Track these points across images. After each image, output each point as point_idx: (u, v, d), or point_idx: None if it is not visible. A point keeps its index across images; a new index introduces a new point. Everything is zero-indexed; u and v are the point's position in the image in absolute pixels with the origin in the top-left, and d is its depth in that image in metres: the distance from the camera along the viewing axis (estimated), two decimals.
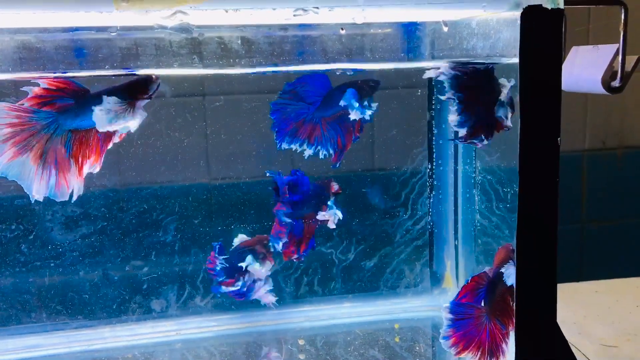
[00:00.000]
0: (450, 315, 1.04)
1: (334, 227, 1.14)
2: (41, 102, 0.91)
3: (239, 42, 0.93)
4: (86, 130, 0.93)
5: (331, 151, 1.08)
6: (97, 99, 0.91)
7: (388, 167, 1.32)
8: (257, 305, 1.32)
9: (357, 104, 1.03)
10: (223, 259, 1.16)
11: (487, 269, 1.08)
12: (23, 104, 0.91)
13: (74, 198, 0.94)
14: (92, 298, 1.26)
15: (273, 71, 1.02)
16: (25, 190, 0.93)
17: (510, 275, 1.05)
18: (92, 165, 0.95)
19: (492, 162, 1.25)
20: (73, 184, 0.94)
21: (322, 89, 1.04)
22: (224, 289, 1.17)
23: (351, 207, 1.32)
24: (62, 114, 0.92)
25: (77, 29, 0.92)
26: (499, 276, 1.06)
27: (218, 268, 1.16)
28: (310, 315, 1.33)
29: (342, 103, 1.03)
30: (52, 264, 1.23)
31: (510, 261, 1.05)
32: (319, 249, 1.33)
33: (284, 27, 0.97)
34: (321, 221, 1.15)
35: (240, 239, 1.19)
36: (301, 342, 1.24)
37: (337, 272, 1.34)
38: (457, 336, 1.04)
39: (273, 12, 0.87)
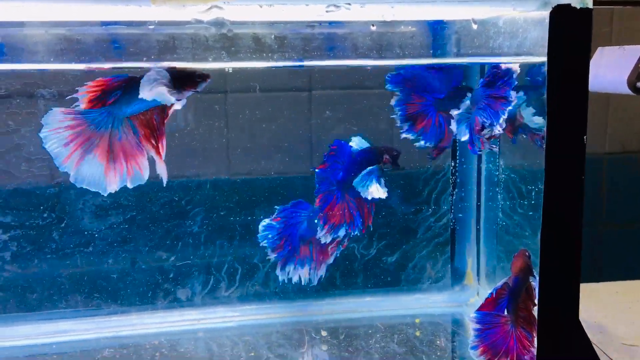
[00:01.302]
0: (477, 326, 1.07)
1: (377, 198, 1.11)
2: (92, 104, 0.95)
3: (272, 37, 0.95)
4: (143, 112, 0.96)
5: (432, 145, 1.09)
6: None
7: (411, 164, 1.34)
8: (280, 296, 1.34)
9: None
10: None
11: (506, 279, 1.10)
12: (76, 107, 0.95)
13: (164, 181, 0.98)
14: (121, 286, 1.29)
15: (306, 66, 1.04)
16: (95, 189, 0.96)
17: (531, 285, 1.07)
18: (164, 143, 0.98)
19: (516, 161, 1.27)
20: (145, 168, 0.97)
21: (447, 84, 1.06)
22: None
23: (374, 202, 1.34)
24: (113, 106, 0.95)
25: (115, 23, 0.95)
26: (519, 284, 1.08)
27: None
28: (332, 308, 1.35)
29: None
30: (83, 252, 1.27)
31: (530, 271, 1.07)
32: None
33: (315, 24, 0.99)
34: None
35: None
36: (324, 333, 1.26)
37: (359, 266, 1.36)
38: (484, 346, 1.06)
39: (306, 7, 0.89)
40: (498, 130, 1.08)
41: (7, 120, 1.21)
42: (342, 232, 1.14)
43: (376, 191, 1.11)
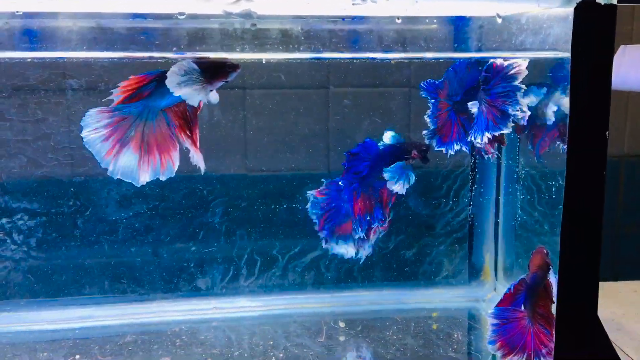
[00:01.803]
0: (495, 321, 1.07)
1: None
2: (127, 98, 0.97)
3: (299, 28, 0.97)
4: (177, 104, 0.98)
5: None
6: None
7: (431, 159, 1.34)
8: (299, 288, 1.36)
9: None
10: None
11: (524, 275, 1.11)
12: (111, 103, 0.98)
13: (202, 169, 1.00)
14: (144, 273, 1.31)
15: (333, 58, 1.05)
16: (128, 180, 0.99)
17: (549, 281, 1.07)
18: (197, 133, 1.01)
19: (536, 157, 1.27)
20: (176, 160, 1.00)
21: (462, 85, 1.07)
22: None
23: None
24: (149, 98, 0.98)
25: (145, 15, 0.98)
26: (537, 281, 1.09)
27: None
28: (351, 300, 1.37)
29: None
30: (107, 240, 1.29)
31: (548, 268, 1.08)
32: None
33: (339, 18, 1.00)
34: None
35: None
36: (342, 324, 1.28)
37: (377, 259, 1.38)
38: (502, 340, 1.07)
39: (332, 1, 0.91)
40: (503, 132, 1.08)
41: (36, 110, 1.24)
42: (367, 221, 1.15)
43: (401, 186, 1.13)
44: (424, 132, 1.10)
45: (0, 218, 1.25)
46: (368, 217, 1.14)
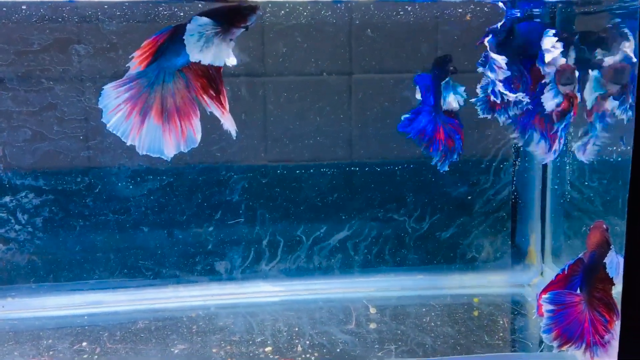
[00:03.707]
0: (550, 307, 0.94)
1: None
2: (141, 64, 0.87)
3: None
4: (195, 62, 0.87)
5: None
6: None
7: (469, 129, 1.23)
8: (325, 272, 1.25)
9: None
10: None
11: (582, 254, 0.98)
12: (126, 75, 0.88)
13: (233, 134, 0.89)
14: (156, 256, 1.22)
15: None
16: (156, 155, 0.89)
17: (609, 261, 0.94)
18: (225, 93, 0.90)
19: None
20: (197, 129, 0.89)
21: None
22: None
23: (424, 169, 1.23)
24: (163, 58, 0.87)
25: None
26: (595, 261, 0.96)
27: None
28: (381, 285, 1.25)
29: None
30: (118, 221, 1.20)
31: (608, 246, 0.95)
32: (390, 216, 1.25)
33: None
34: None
35: None
36: (372, 310, 1.16)
37: (410, 241, 1.26)
38: (559, 329, 0.95)
39: None
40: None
41: (41, 78, 1.15)
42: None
43: (453, 101, 1.05)
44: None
45: (3, 197, 1.16)
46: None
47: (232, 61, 0.87)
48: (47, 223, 1.18)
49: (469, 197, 1.25)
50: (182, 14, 1.02)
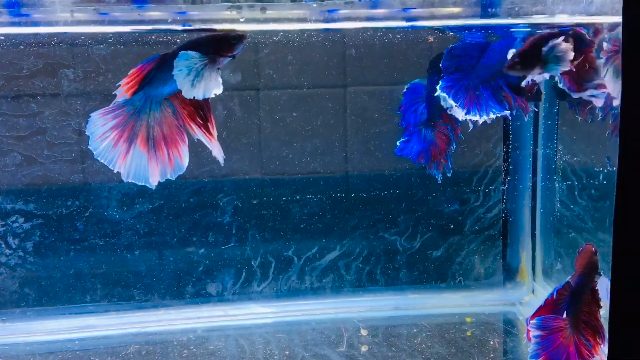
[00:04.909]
0: (538, 332, 0.95)
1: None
2: (128, 91, 0.87)
3: None
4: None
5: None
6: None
7: (458, 149, 1.23)
8: (316, 292, 1.25)
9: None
10: None
11: (569, 277, 0.98)
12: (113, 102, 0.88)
13: (221, 162, 0.89)
14: (147, 280, 1.21)
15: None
16: (141, 182, 0.89)
17: (599, 284, 0.95)
18: (213, 120, 0.89)
19: (576, 146, 1.15)
20: (184, 155, 0.89)
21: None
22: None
23: (414, 189, 1.23)
24: (150, 86, 0.87)
25: None
26: (582, 285, 0.96)
27: None
28: (372, 305, 1.25)
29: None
30: (109, 244, 1.20)
31: (596, 269, 0.95)
32: (381, 235, 1.25)
33: None
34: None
35: None
36: (364, 332, 1.16)
37: (401, 260, 1.26)
38: (546, 354, 0.95)
39: None
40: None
41: (31, 103, 1.15)
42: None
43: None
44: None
45: None
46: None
47: (217, 91, 0.87)
48: (38, 247, 1.18)
49: (460, 217, 1.26)
50: (178, 40, 1.02)
